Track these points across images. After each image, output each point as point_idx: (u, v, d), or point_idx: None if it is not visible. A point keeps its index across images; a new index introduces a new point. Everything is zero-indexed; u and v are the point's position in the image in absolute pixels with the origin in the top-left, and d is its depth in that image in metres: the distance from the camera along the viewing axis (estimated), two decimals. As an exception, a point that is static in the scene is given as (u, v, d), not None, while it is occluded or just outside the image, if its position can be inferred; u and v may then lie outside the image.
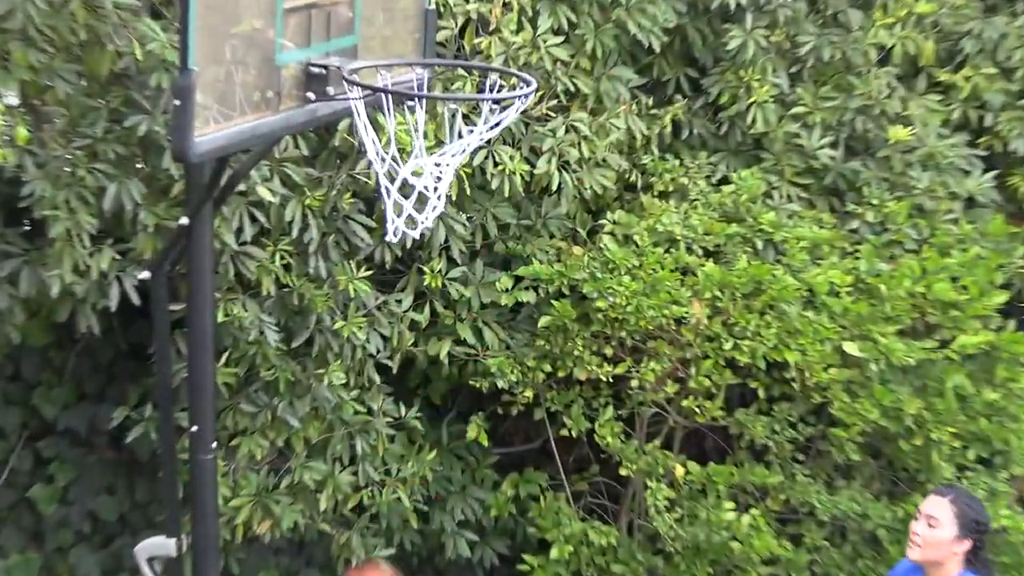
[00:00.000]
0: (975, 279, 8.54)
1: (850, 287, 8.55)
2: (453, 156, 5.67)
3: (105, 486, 9.45)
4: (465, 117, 6.79)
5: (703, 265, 8.61)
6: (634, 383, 8.78)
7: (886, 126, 9.36)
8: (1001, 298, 8.54)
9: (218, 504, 6.94)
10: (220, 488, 8.15)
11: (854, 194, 9.37)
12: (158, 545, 6.50)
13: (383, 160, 5.51)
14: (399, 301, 8.76)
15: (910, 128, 9.32)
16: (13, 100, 7.52)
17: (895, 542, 8.78)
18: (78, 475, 9.36)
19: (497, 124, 5.55)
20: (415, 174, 5.62)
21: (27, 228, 8.11)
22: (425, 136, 5.60)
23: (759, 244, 8.75)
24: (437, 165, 5.63)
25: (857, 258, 8.78)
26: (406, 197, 5.57)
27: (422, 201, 5.62)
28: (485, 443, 9.36)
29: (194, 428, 6.09)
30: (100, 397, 9.31)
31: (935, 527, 5.90)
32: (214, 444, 6.28)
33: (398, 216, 5.61)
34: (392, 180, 5.51)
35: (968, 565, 6.00)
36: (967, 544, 5.92)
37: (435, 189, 5.62)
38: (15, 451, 9.25)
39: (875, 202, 9.16)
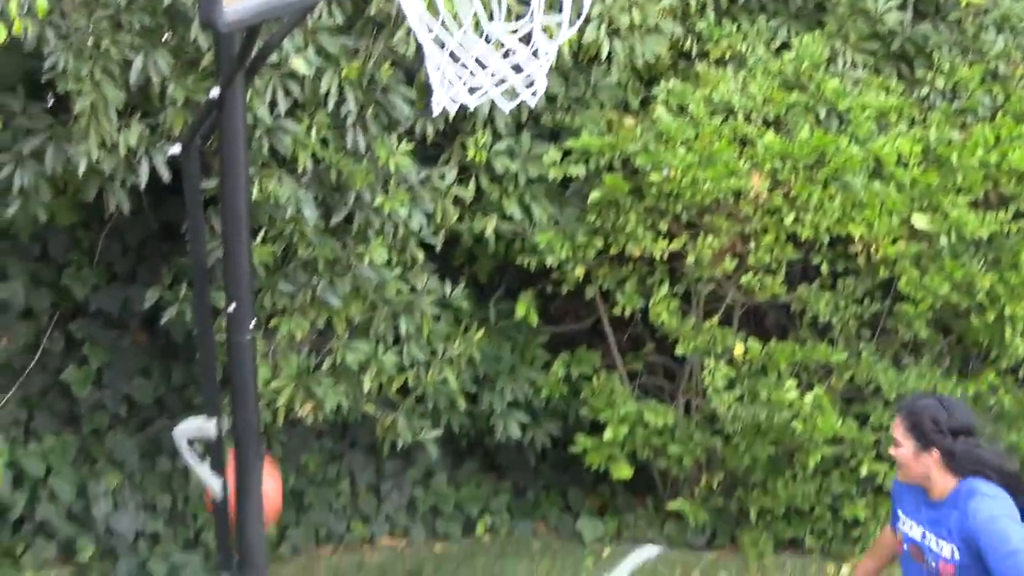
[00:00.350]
0: None
1: (919, 157, 8.30)
2: (542, 32, 5.21)
3: (140, 369, 9.36)
4: None
5: (763, 136, 8.25)
6: (690, 259, 8.45)
7: None
8: None
9: (258, 386, 6.65)
10: (260, 370, 7.91)
11: (923, 59, 9.04)
12: (197, 427, 6.20)
13: (429, 28, 5.07)
14: (442, 176, 8.46)
15: None
16: None
17: None
18: (112, 358, 9.22)
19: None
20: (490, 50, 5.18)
21: (51, 103, 7.86)
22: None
23: (822, 113, 8.43)
24: (515, 39, 5.18)
25: (927, 127, 8.51)
26: (455, 64, 5.12)
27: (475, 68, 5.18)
28: (534, 322, 9.10)
29: (231, 308, 5.80)
30: (131, 278, 9.20)
31: (897, 447, 5.60)
32: (252, 325, 5.95)
33: (446, 87, 5.17)
34: (440, 48, 5.07)
35: (955, 471, 5.58)
36: (935, 452, 5.55)
37: (520, 71, 5.26)
38: (47, 333, 9.09)
39: (946, 68, 8.83)
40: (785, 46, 8.78)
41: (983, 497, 5.36)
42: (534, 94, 5.18)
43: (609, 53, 8.32)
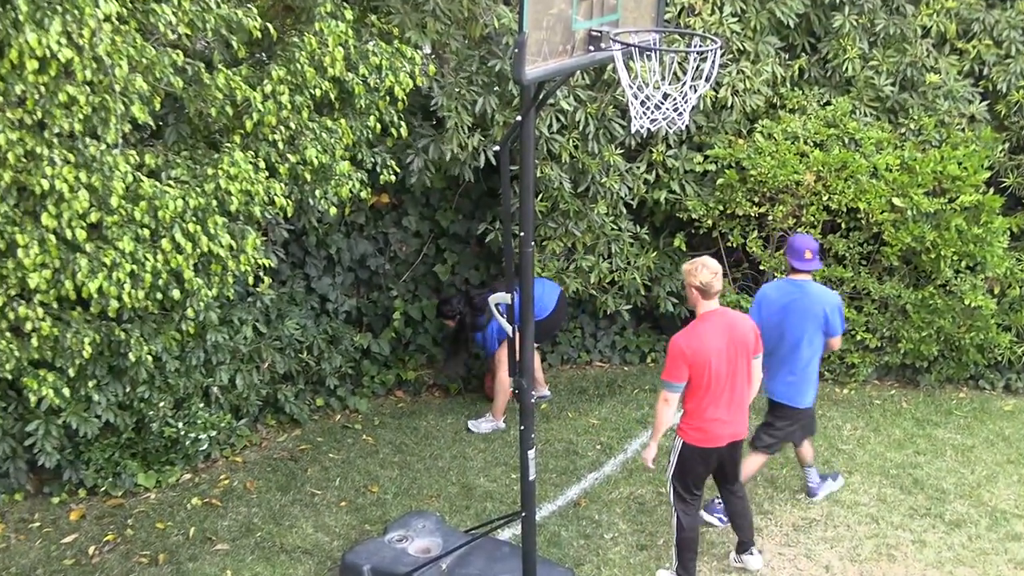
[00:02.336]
0: (971, 163, 9.71)
1: (897, 166, 9.77)
2: (691, 89, 5.87)
3: (473, 266, 10.74)
4: (679, 65, 7.44)
5: (813, 152, 9.82)
6: (770, 218, 10.06)
7: (925, 74, 10.29)
8: (986, 175, 9.84)
9: (533, 276, 7.05)
10: (536, 269, 9.48)
11: (903, 114, 10.42)
12: (501, 296, 6.87)
13: (631, 86, 5.83)
14: (639, 168, 9.95)
15: (939, 75, 10.24)
16: (427, 49, 8.89)
17: (915, 312, 10.12)
18: (460, 259, 10.64)
19: (700, 69, 5.77)
20: (661, 97, 5.92)
21: (434, 122, 9.26)
22: (657, 73, 5.88)
23: (846, 140, 9.97)
24: (677, 93, 5.90)
25: (903, 150, 9.93)
26: (644, 108, 5.93)
27: (655, 109, 5.92)
28: (684, 248, 10.64)
29: (522, 234, 6.38)
30: (471, 216, 10.56)
31: None
32: (532, 243, 6.45)
33: (640, 119, 5.93)
34: (636, 98, 5.87)
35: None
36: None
37: (678, 111, 5.98)
38: (426, 244, 10.51)
39: (916, 118, 10.28)
40: (828, 103, 10.32)
41: None
42: (685, 124, 6.03)
43: (731, 103, 9.94)
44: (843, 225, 10.19)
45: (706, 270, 6.82)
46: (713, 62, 5.64)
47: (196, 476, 8.75)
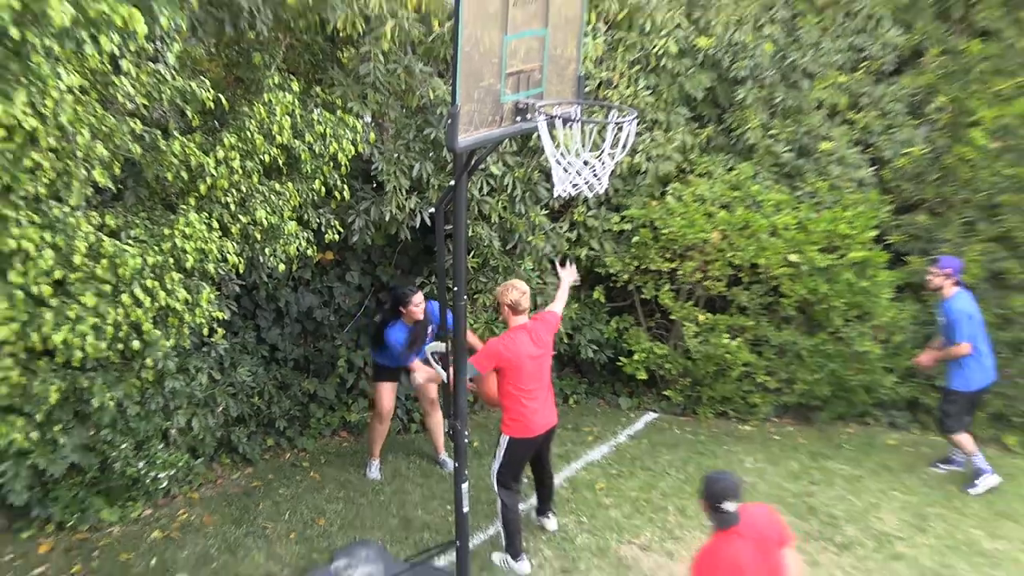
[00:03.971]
0: (860, 223, 9.87)
1: (794, 225, 9.86)
2: (609, 156, 5.86)
3: None
4: (598, 134, 6.52)
5: (719, 212, 9.91)
6: (680, 272, 10.08)
7: (819, 142, 10.51)
8: (872, 234, 9.99)
9: (466, 327, 6.83)
10: (469, 321, 9.25)
11: (799, 177, 10.58)
12: (436, 345, 7.40)
13: (554, 154, 5.90)
14: (561, 227, 9.99)
15: (831, 143, 10.48)
16: (368, 118, 8.84)
17: (809, 357, 10.25)
18: None
19: (617, 137, 5.70)
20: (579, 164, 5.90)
21: (374, 186, 9.23)
22: (578, 141, 5.89)
23: (748, 202, 10.05)
24: (596, 160, 5.88)
25: (800, 211, 10.07)
26: (567, 173, 5.93)
27: (576, 174, 5.90)
28: (603, 300, 10.74)
29: (455, 288, 6.40)
30: (410, 271, 10.41)
31: None
32: (464, 296, 6.49)
33: (562, 183, 5.97)
34: (559, 164, 5.91)
35: None
36: None
37: (597, 176, 6.00)
38: (367, 297, 10.41)
39: (811, 182, 10.46)
40: (732, 168, 10.39)
41: None
42: (604, 187, 6.01)
43: (646, 168, 10.01)
44: (745, 279, 10.24)
45: (515, 290, 7.24)
46: (629, 132, 5.67)
47: (156, 511, 8.58)
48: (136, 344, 7.02)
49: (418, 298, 8.30)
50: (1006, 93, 10.23)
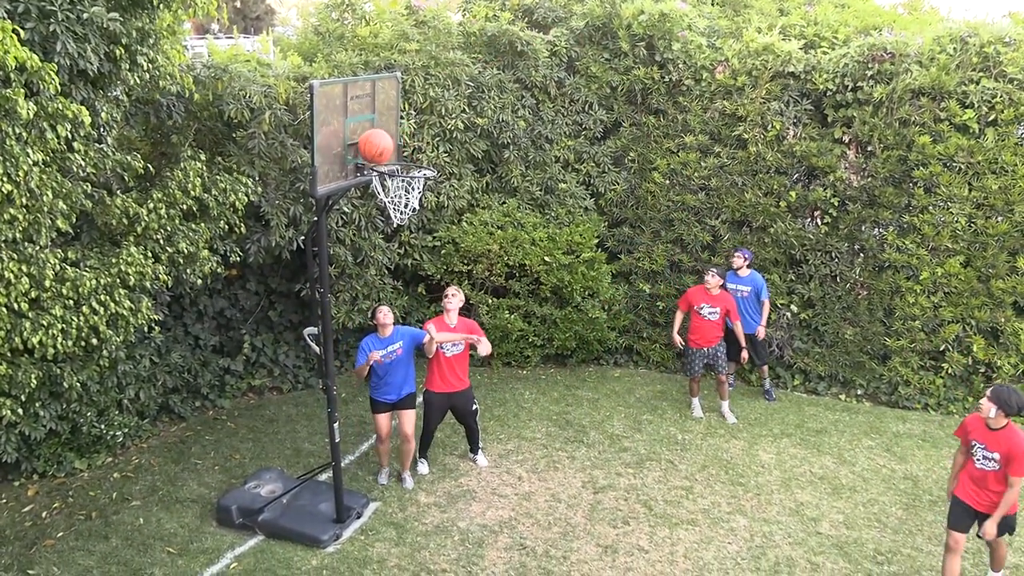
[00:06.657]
0: (588, 234, 9.78)
1: (546, 238, 9.64)
2: (416, 195, 5.95)
3: (293, 310, 9.68)
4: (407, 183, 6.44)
5: (497, 231, 9.55)
6: (474, 272, 9.68)
7: (558, 184, 9.98)
8: (595, 241, 9.75)
9: (330, 313, 6.53)
10: (344, 310, 8.92)
11: (547, 207, 9.92)
12: (310, 330, 6.74)
13: (386, 196, 6.02)
14: (393, 245, 9.41)
15: (566, 184, 10.04)
16: (256, 177, 8.08)
17: (561, 322, 9.66)
18: (284, 307, 9.64)
19: (426, 185, 6.04)
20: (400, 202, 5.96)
21: (263, 223, 8.53)
22: (400, 188, 5.93)
23: (516, 224, 9.68)
24: (406, 199, 5.97)
25: (548, 228, 9.77)
26: (396, 209, 5.99)
27: (402, 209, 5.97)
28: (424, 293, 10.08)
29: (322, 289, 6.19)
30: (292, 280, 9.53)
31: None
32: (328, 295, 6.29)
33: (393, 215, 6.03)
34: (389, 202, 6.03)
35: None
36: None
37: (409, 207, 5.99)
38: (263, 299, 9.57)
39: (555, 209, 9.95)
40: (504, 202, 9.80)
41: None
42: (412, 215, 6.43)
43: (447, 204, 9.55)
44: (517, 274, 9.95)
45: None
46: (430, 181, 5.50)
47: (116, 459, 8.10)
48: (95, 341, 6.75)
49: (383, 313, 7.12)
50: (672, 148, 9.99)
